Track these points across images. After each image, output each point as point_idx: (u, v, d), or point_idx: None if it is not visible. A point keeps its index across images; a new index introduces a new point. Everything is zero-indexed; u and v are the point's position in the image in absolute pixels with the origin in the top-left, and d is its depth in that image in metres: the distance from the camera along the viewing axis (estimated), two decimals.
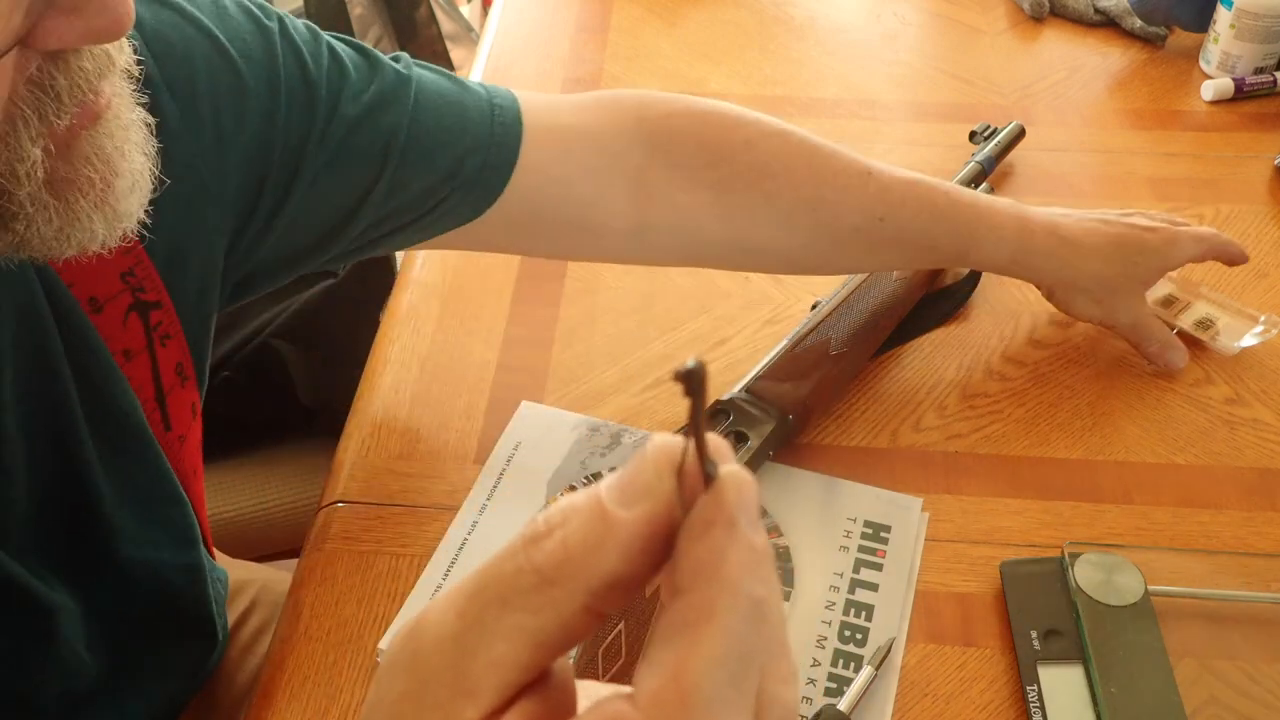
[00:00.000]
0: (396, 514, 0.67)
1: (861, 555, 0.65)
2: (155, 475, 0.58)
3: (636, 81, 1.08)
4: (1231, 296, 0.81)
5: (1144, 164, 0.97)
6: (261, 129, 0.56)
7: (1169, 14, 1.10)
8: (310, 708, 0.58)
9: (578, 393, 0.75)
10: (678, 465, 0.25)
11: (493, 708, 0.25)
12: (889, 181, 0.69)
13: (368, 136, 0.60)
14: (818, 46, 1.14)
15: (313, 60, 0.59)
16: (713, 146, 0.68)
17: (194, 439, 0.63)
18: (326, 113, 0.59)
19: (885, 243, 0.70)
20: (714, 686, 0.23)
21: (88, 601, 0.56)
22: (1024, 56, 1.12)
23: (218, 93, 0.55)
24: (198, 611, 0.64)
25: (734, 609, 0.24)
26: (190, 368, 0.60)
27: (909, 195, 0.69)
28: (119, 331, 0.55)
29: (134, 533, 0.57)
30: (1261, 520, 0.68)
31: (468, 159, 0.63)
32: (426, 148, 0.62)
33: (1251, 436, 0.73)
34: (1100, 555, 0.63)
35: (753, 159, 0.68)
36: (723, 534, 0.24)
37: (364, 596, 0.63)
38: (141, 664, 0.61)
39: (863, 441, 0.72)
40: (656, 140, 0.67)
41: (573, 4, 1.20)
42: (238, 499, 1.03)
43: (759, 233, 0.69)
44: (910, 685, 0.59)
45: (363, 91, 0.60)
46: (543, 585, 0.24)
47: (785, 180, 0.68)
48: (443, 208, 0.64)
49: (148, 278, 0.55)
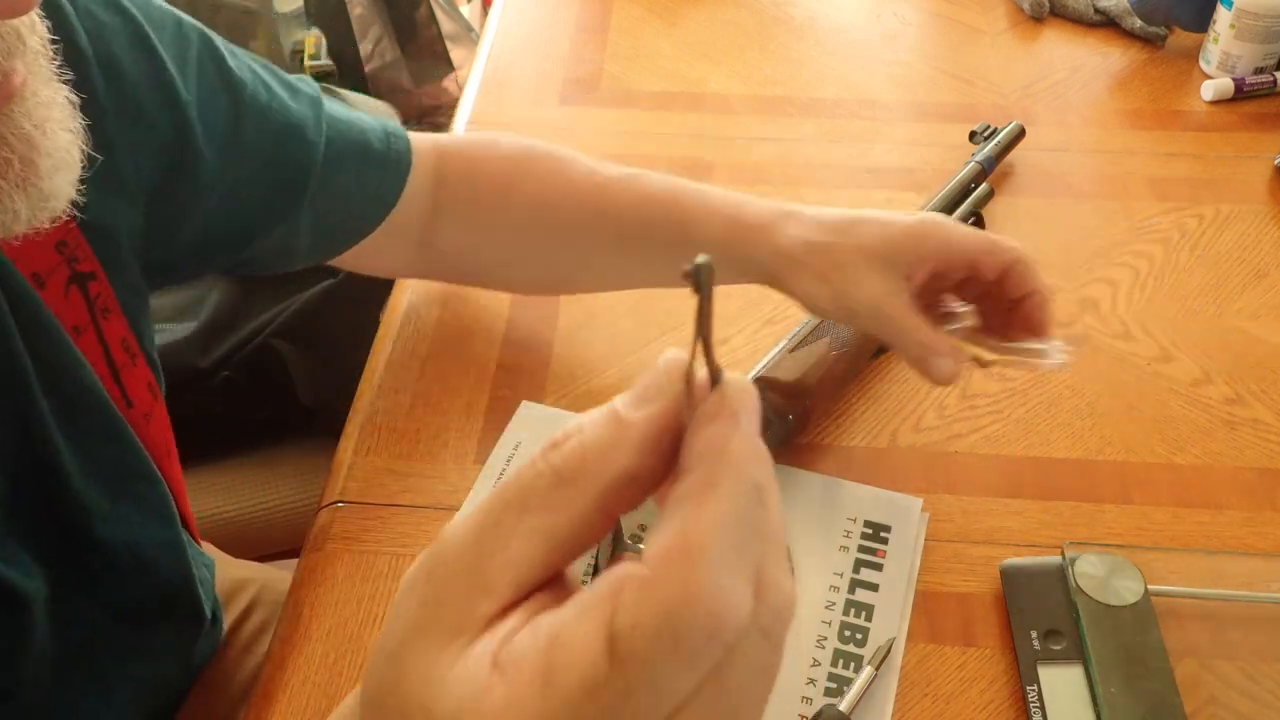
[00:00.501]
0: (396, 514, 0.67)
1: (861, 555, 0.65)
2: (123, 451, 0.57)
3: (636, 81, 1.08)
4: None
5: (1144, 164, 0.97)
6: (177, 118, 0.58)
7: (1169, 14, 1.10)
8: (310, 708, 0.58)
9: (578, 393, 0.75)
10: (686, 371, 0.27)
11: (507, 604, 0.26)
12: (609, 178, 0.69)
13: (286, 149, 0.63)
14: (818, 46, 1.14)
15: (231, 58, 0.62)
16: (471, 181, 0.73)
17: (160, 418, 0.63)
18: (242, 114, 0.61)
19: (608, 239, 0.70)
20: (718, 547, 0.24)
21: (65, 583, 0.55)
22: (1024, 56, 1.12)
23: (140, 72, 0.56)
24: (182, 591, 0.64)
25: (738, 483, 0.25)
26: (135, 345, 0.61)
27: (628, 186, 0.69)
28: (63, 306, 0.55)
29: (107, 511, 0.56)
30: (1261, 520, 0.68)
31: (372, 177, 0.68)
32: (341, 165, 0.66)
33: (1251, 436, 0.73)
34: (1100, 555, 0.63)
35: (493, 182, 0.72)
36: (727, 423, 0.26)
37: (364, 596, 0.63)
38: (126, 645, 0.61)
39: (863, 441, 0.72)
40: (438, 183, 0.72)
41: (573, 4, 1.20)
42: (238, 499, 1.03)
43: (504, 250, 0.73)
44: (910, 685, 0.59)
45: (282, 105, 0.64)
46: (559, 485, 0.26)
47: (518, 190, 0.71)
48: (350, 224, 0.68)
49: (79, 248, 0.55)
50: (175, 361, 0.99)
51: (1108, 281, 0.85)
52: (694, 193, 0.67)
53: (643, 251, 0.70)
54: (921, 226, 0.61)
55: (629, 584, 0.24)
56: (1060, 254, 0.87)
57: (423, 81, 2.47)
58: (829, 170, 0.96)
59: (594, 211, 0.69)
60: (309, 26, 2.46)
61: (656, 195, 0.68)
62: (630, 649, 0.24)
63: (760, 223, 0.64)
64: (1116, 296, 0.83)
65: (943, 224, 0.61)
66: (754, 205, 0.65)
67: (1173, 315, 0.82)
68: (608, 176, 0.70)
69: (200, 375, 1.00)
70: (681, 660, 0.24)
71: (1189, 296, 0.84)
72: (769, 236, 0.63)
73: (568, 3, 1.21)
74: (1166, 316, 0.82)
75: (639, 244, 0.70)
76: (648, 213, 0.68)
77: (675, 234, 0.67)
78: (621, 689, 0.24)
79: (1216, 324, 0.81)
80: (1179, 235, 0.89)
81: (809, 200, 0.92)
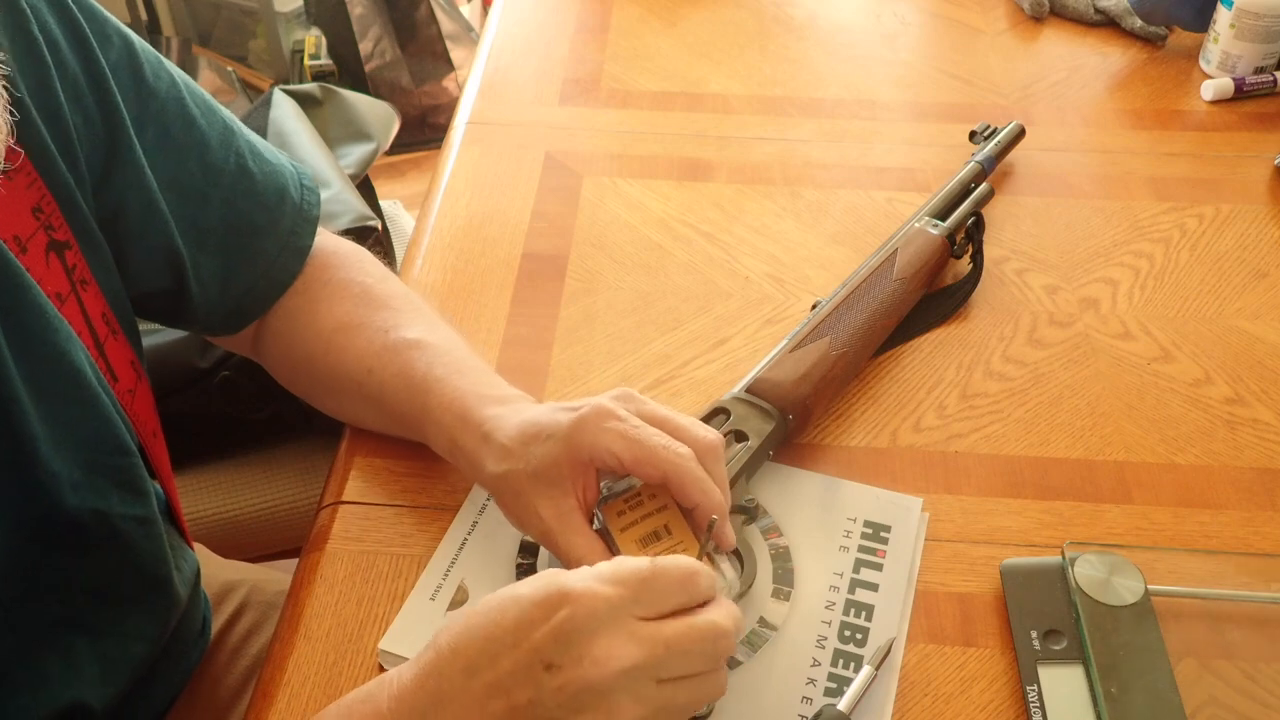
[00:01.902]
0: (396, 514, 0.67)
1: (861, 555, 0.65)
2: (99, 423, 0.57)
3: (637, 81, 1.08)
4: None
5: (1144, 164, 0.97)
6: (114, 117, 0.59)
7: (1169, 14, 1.10)
8: (310, 708, 0.58)
9: (578, 393, 0.75)
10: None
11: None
12: (396, 341, 0.67)
13: (196, 155, 0.65)
14: (818, 46, 1.14)
15: (147, 62, 0.63)
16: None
17: (144, 396, 0.63)
18: (150, 102, 0.62)
19: (370, 399, 0.68)
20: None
21: (31, 551, 0.55)
22: (1024, 56, 1.12)
23: (78, 61, 0.58)
24: (155, 568, 0.64)
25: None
26: (115, 321, 0.61)
27: (400, 357, 0.67)
28: (44, 272, 0.55)
29: (78, 480, 0.56)
30: (1261, 520, 0.68)
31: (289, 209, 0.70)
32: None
33: (1251, 436, 0.73)
34: (1100, 555, 0.63)
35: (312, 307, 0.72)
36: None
37: (364, 596, 0.63)
38: (96, 622, 0.61)
39: (863, 441, 0.73)
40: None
41: (573, 4, 1.20)
42: (238, 499, 1.03)
43: (293, 374, 0.74)
44: (910, 685, 0.59)
45: (196, 111, 0.65)
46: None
47: (324, 308, 0.71)
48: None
49: (54, 215, 0.56)
50: (175, 361, 0.99)
51: (1108, 281, 0.85)
52: (433, 388, 0.65)
53: (395, 424, 0.69)
54: (576, 432, 0.58)
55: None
56: (1060, 254, 0.87)
57: (423, 81, 2.48)
58: (829, 170, 0.96)
59: (364, 370, 0.68)
60: (309, 26, 2.47)
61: (407, 378, 0.66)
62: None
63: (470, 448, 0.62)
64: (1116, 296, 0.83)
65: (594, 427, 0.57)
66: (471, 420, 0.62)
67: (1173, 315, 0.82)
68: (383, 342, 0.68)
69: (200, 375, 1.00)
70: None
71: (1189, 296, 0.84)
72: (477, 464, 0.62)
73: (568, 3, 1.21)
74: (1166, 316, 0.82)
75: (389, 416, 0.68)
76: (401, 392, 0.66)
77: (413, 426, 0.66)
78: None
79: (1216, 324, 0.81)
80: (1179, 235, 0.89)
81: (809, 200, 0.92)
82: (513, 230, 0.89)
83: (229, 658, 0.80)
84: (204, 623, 0.77)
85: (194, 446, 1.01)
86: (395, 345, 0.67)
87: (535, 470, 0.58)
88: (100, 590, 0.61)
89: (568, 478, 0.58)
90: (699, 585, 0.50)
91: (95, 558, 0.59)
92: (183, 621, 0.71)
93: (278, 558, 1.05)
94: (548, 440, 0.58)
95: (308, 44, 2.40)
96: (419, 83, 2.47)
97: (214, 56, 2.45)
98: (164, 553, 0.64)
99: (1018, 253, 0.88)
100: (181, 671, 0.74)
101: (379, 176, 1.83)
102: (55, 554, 0.57)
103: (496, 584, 0.63)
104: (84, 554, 0.58)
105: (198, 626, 0.76)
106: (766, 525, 0.66)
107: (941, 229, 0.82)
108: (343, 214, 1.05)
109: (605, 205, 0.92)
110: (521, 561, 0.64)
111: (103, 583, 0.61)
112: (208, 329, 0.72)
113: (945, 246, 0.82)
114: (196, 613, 0.75)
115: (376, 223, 1.07)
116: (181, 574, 0.68)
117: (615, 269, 0.85)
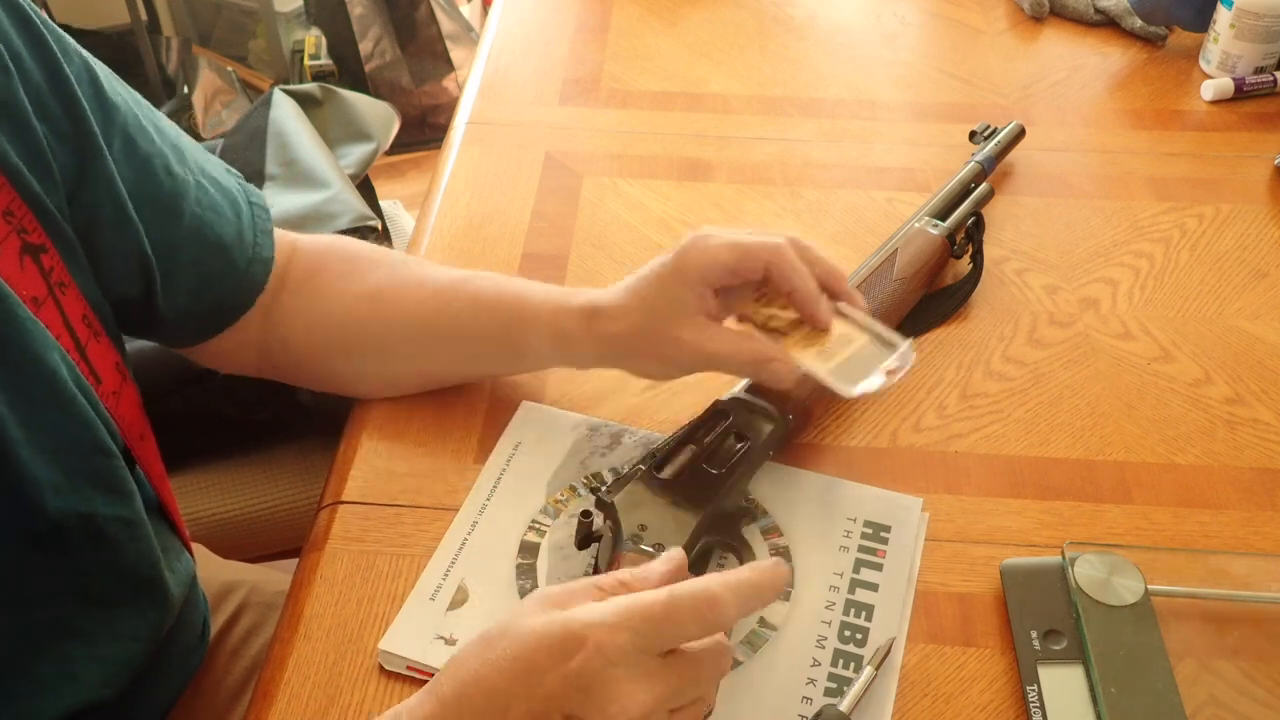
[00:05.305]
0: (396, 514, 0.67)
1: (861, 555, 0.65)
2: (78, 424, 0.57)
3: (636, 81, 1.08)
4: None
5: (1144, 164, 0.97)
6: (69, 109, 0.59)
7: (1169, 14, 1.10)
8: (310, 708, 0.58)
9: (578, 393, 0.75)
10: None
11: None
12: (455, 277, 0.72)
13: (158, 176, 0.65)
14: (818, 46, 1.14)
15: (104, 77, 0.63)
16: (312, 277, 0.74)
17: (130, 397, 0.63)
18: (112, 122, 0.62)
19: (440, 339, 0.71)
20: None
21: (18, 557, 0.55)
22: (1024, 56, 1.12)
23: (42, 76, 0.58)
24: (144, 570, 0.64)
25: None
26: (98, 323, 0.61)
27: (467, 287, 0.71)
28: (19, 275, 0.55)
29: (59, 483, 0.56)
30: (1261, 520, 0.68)
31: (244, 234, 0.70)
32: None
33: (1251, 436, 0.73)
34: (1100, 555, 0.63)
35: (332, 277, 0.73)
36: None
37: (364, 596, 0.63)
38: (87, 625, 0.61)
39: (863, 441, 0.73)
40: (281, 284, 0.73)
41: (573, 4, 1.20)
42: (237, 499, 1.03)
43: (337, 347, 0.73)
44: (910, 685, 0.59)
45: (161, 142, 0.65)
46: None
47: (355, 289, 0.72)
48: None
49: (26, 219, 0.56)
50: (175, 362, 0.98)
51: (1108, 281, 0.85)
52: (516, 297, 0.69)
53: (472, 351, 0.72)
54: (681, 258, 0.63)
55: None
56: (1060, 254, 0.87)
57: (423, 81, 2.48)
58: (829, 170, 0.96)
59: (432, 310, 0.71)
60: (309, 26, 2.47)
61: (485, 300, 0.70)
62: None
63: (581, 329, 0.66)
64: (1116, 296, 0.83)
65: (696, 246, 0.63)
66: (570, 307, 0.67)
67: (1173, 315, 0.82)
68: (440, 281, 0.71)
69: (200, 375, 1.00)
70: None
71: (1189, 296, 0.84)
72: (593, 337, 0.66)
73: (568, 3, 1.21)
74: (1166, 316, 0.82)
75: (469, 345, 0.71)
76: (477, 317, 0.70)
77: (502, 340, 0.69)
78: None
79: (1216, 324, 0.81)
80: (1179, 235, 0.89)
81: (809, 200, 0.92)
82: (513, 230, 0.89)
83: (229, 658, 0.80)
84: (203, 623, 0.77)
85: (194, 446, 1.01)
86: (455, 280, 0.71)
87: (657, 309, 0.64)
88: (88, 593, 0.61)
89: (690, 301, 0.63)
90: (718, 614, 0.48)
91: (81, 561, 0.59)
92: (181, 622, 0.71)
93: (277, 558, 1.05)
94: (658, 279, 0.64)
95: (308, 44, 2.40)
96: (419, 83, 2.47)
97: (214, 56, 2.45)
98: (153, 554, 0.64)
99: (1018, 253, 0.88)
100: (181, 672, 0.74)
101: (379, 176, 1.83)
102: (41, 558, 0.57)
103: (496, 584, 0.63)
104: (70, 557, 0.58)
105: (197, 627, 0.76)
106: (766, 525, 0.66)
107: (941, 229, 0.82)
108: (342, 214, 1.05)
109: (605, 205, 0.92)
110: (521, 562, 0.64)
111: (90, 586, 0.61)
112: (174, 340, 0.72)
113: (945, 246, 0.82)
114: (195, 613, 0.75)
115: (376, 223, 1.07)
116: (175, 575, 0.68)
117: (615, 269, 0.85)
